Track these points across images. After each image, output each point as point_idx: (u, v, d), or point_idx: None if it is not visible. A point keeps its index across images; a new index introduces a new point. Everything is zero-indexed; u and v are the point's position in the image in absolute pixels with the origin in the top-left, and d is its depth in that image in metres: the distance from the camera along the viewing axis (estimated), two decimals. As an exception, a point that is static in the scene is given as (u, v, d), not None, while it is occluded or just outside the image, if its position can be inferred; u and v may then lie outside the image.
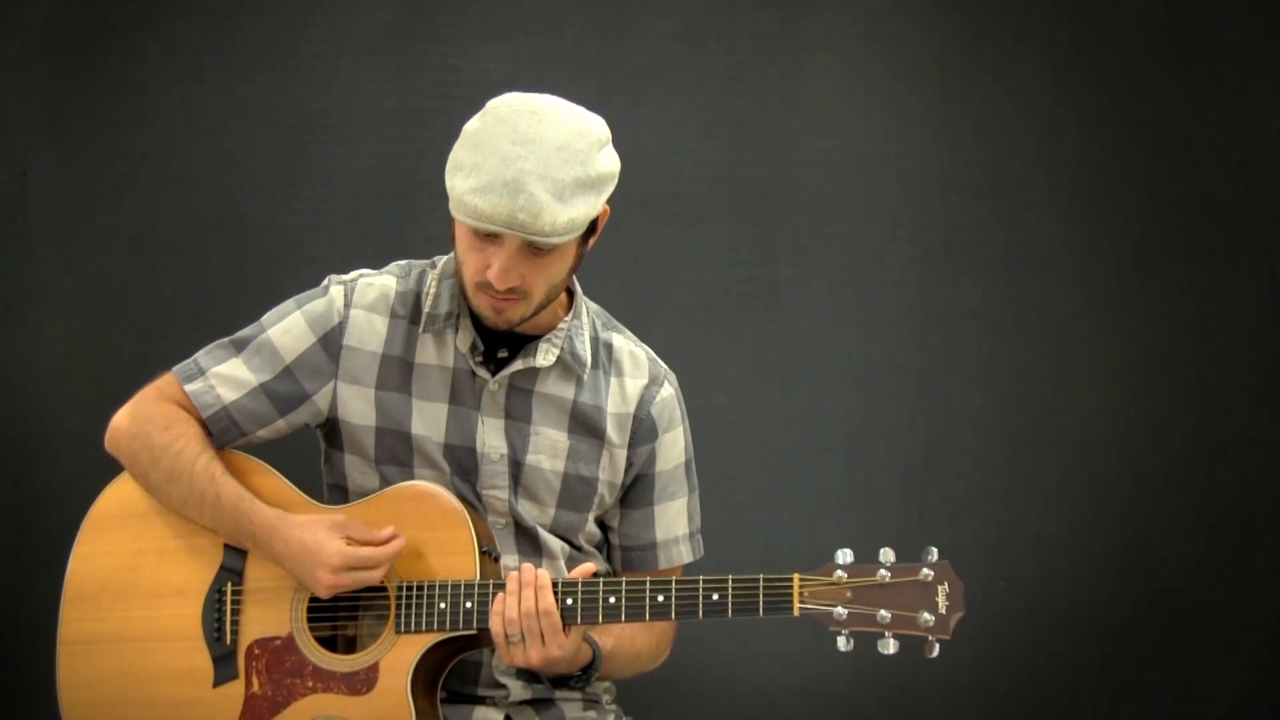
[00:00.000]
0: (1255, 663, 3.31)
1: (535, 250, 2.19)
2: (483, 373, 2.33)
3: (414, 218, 3.26)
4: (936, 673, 3.27)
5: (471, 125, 2.21)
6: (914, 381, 3.35)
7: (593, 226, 2.26)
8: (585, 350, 2.37)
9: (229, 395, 2.33)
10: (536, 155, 2.14)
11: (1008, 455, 3.35)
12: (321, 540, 2.23)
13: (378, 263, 2.43)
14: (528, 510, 2.36)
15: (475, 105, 2.24)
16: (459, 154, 2.19)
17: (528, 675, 2.37)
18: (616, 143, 2.26)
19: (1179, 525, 3.34)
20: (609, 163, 2.23)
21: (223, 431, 2.34)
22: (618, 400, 2.40)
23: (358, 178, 3.32)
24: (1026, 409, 3.35)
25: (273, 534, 2.26)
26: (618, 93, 3.31)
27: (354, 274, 2.39)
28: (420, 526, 2.27)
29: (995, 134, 3.34)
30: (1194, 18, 3.31)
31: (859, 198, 3.35)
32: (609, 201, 2.25)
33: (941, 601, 2.11)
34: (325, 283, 2.39)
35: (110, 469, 2.37)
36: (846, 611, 2.12)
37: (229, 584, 2.30)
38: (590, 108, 2.27)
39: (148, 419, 2.33)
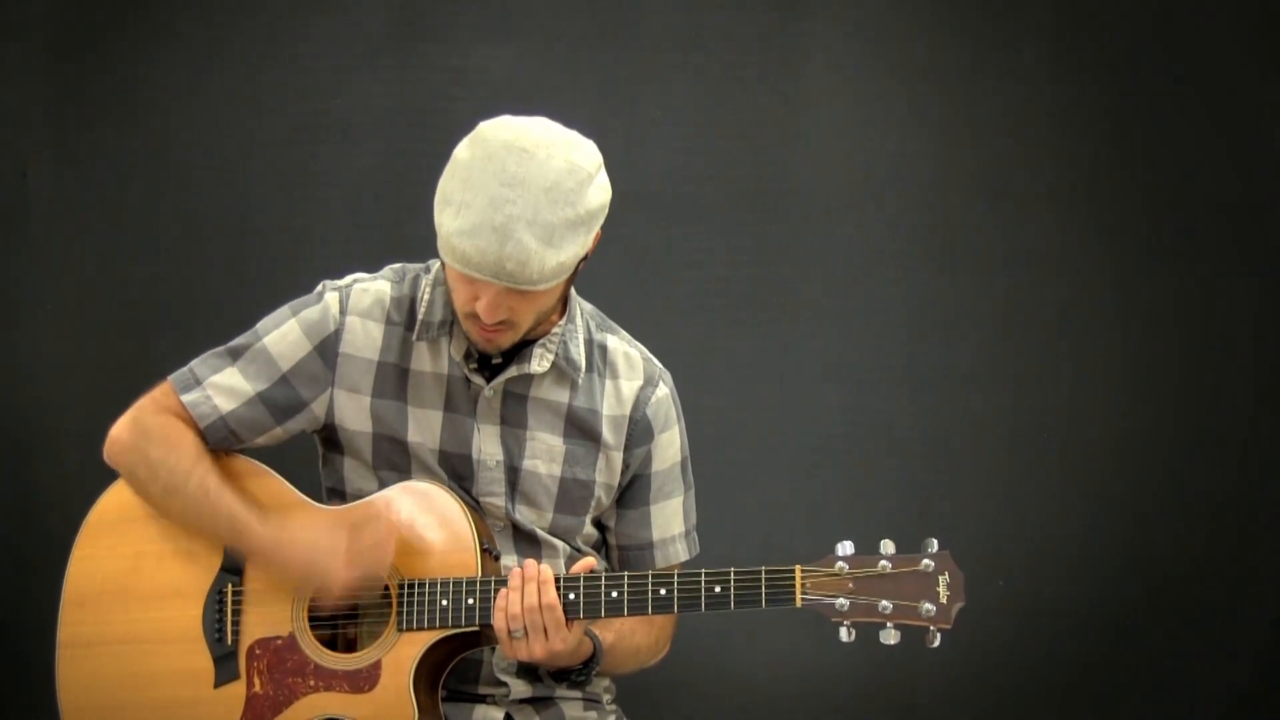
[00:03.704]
0: (1255, 662, 3.31)
1: (522, 291, 2.18)
2: (477, 379, 2.33)
3: (413, 218, 3.22)
4: (936, 672, 3.27)
5: (461, 154, 2.18)
6: (914, 381, 3.35)
7: (584, 255, 2.24)
8: (579, 354, 2.37)
9: (226, 405, 2.33)
10: (525, 199, 2.12)
11: (1008, 455, 3.35)
12: (325, 539, 2.23)
13: (377, 264, 2.43)
14: (525, 515, 2.36)
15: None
16: (447, 186, 2.17)
17: (529, 673, 2.37)
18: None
19: (1179, 525, 3.34)
20: (599, 195, 2.20)
21: (220, 441, 2.34)
22: (613, 403, 2.40)
23: (358, 178, 3.31)
24: (1026, 408, 3.35)
25: (275, 549, 2.25)
26: (618, 93, 3.31)
27: (348, 279, 2.38)
28: (420, 525, 2.27)
29: (995, 134, 3.34)
30: (1193, 18, 3.31)
31: (859, 198, 3.35)
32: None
33: (942, 591, 2.12)
34: (319, 288, 2.38)
35: (110, 470, 2.37)
36: (848, 602, 2.13)
37: (229, 585, 2.30)
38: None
39: (145, 432, 2.32)
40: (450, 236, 2.13)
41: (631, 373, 2.42)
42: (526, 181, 2.12)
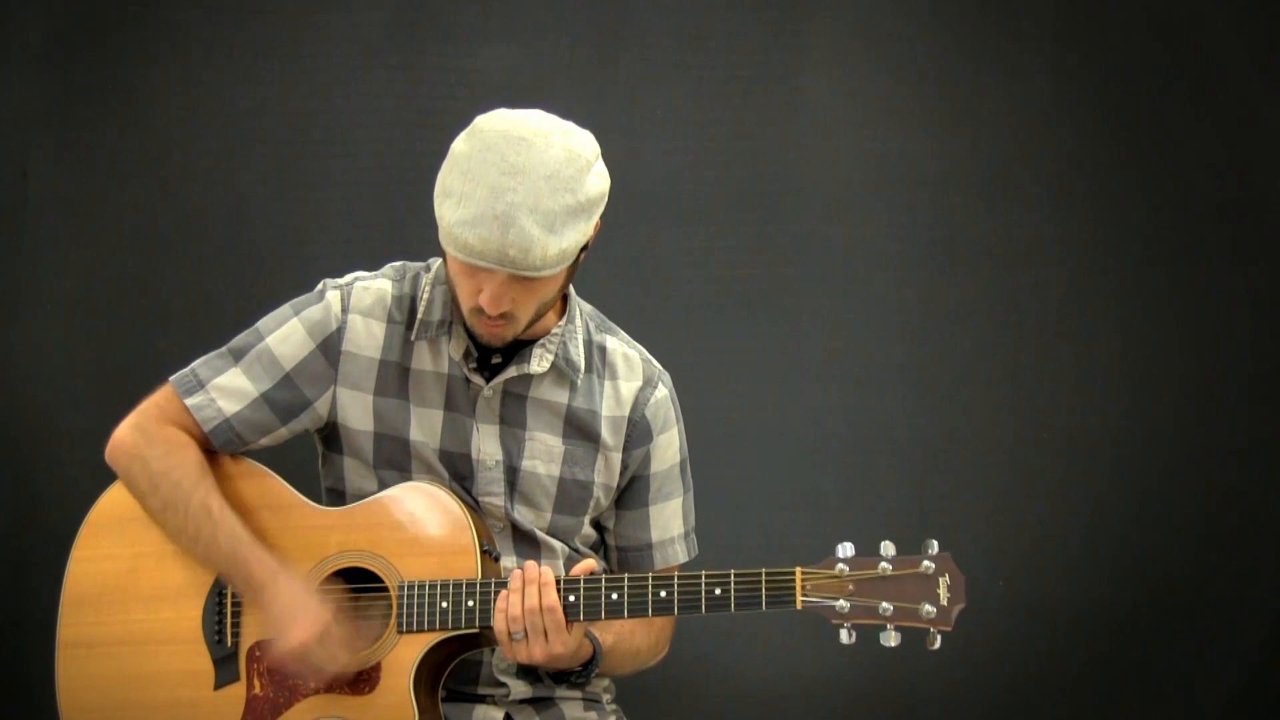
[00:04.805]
0: (1254, 662, 3.31)
1: (526, 278, 2.18)
2: (477, 379, 2.33)
3: (414, 218, 3.24)
4: (937, 673, 3.27)
5: (459, 148, 2.18)
6: (914, 381, 3.35)
7: (584, 244, 2.25)
8: (579, 355, 2.37)
9: (230, 407, 2.33)
10: (526, 186, 2.12)
11: (1008, 455, 3.35)
12: (312, 612, 2.23)
13: (377, 263, 2.43)
14: (524, 515, 2.36)
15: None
16: (447, 179, 2.17)
17: (528, 674, 2.37)
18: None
19: (1178, 525, 3.34)
20: (599, 183, 2.20)
21: (225, 443, 2.34)
22: (612, 403, 2.40)
23: (358, 178, 3.31)
24: (1026, 408, 3.35)
25: (262, 589, 2.25)
26: (618, 93, 3.31)
27: (349, 278, 2.38)
28: (421, 526, 2.27)
29: (995, 134, 3.34)
30: (1193, 17, 3.31)
31: (859, 198, 3.35)
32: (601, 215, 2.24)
33: (943, 593, 2.12)
34: (320, 287, 2.38)
35: (110, 471, 2.37)
36: (849, 604, 2.13)
37: (229, 586, 2.30)
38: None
39: (149, 441, 2.32)
40: (452, 227, 2.13)
41: (630, 374, 2.42)
42: (526, 170, 2.12)
